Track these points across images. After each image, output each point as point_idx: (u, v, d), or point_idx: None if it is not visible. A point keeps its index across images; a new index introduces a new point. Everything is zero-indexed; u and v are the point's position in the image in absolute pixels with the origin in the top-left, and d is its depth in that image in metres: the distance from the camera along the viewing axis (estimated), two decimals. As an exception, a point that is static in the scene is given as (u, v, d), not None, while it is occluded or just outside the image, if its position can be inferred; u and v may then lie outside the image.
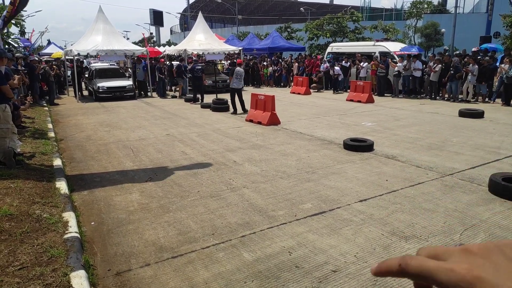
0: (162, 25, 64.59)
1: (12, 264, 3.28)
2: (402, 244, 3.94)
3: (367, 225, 4.38)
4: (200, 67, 15.63)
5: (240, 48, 21.80)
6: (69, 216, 4.40)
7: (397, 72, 16.06)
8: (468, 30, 32.44)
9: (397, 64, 16.02)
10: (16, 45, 18.22)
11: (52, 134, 9.39)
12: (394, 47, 18.06)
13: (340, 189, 5.56)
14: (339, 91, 18.19)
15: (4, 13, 6.81)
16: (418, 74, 15.55)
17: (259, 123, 10.56)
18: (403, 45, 19.15)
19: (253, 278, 3.39)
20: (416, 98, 15.70)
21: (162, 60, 20.36)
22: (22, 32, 30.03)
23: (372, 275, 0.43)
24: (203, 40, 19.73)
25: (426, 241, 3.96)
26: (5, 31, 11.38)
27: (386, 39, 21.21)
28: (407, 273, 0.41)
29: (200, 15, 21.08)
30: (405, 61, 15.79)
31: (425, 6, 34.05)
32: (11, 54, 8.87)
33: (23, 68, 13.51)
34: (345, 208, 4.87)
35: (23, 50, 24.22)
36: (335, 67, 18.30)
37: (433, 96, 15.38)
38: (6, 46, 15.58)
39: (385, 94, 16.78)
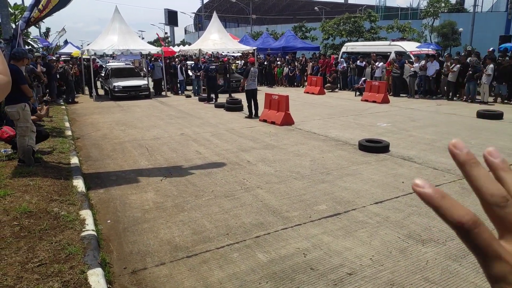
0: (176, 25, 64.98)
1: (31, 260, 3.34)
2: (419, 247, 3.87)
3: (383, 227, 4.33)
4: (213, 66, 15.68)
5: (254, 47, 21.79)
6: (86, 214, 4.47)
7: (413, 72, 15.84)
8: (487, 29, 31.74)
9: (414, 65, 15.78)
10: (35, 45, 18.59)
11: (69, 133, 9.55)
12: (410, 46, 17.81)
13: (355, 190, 5.50)
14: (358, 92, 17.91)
15: (26, 14, 6.93)
16: (431, 73, 15.29)
17: (273, 123, 10.54)
18: (419, 45, 18.86)
19: (268, 279, 3.38)
20: (432, 98, 15.45)
21: (181, 59, 20.49)
22: (46, 34, 30.63)
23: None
24: (217, 39, 19.78)
25: (443, 245, 3.89)
26: (25, 31, 11.61)
27: (402, 39, 20.92)
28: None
29: (214, 14, 21.15)
30: (423, 61, 15.55)
31: (442, 4, 33.47)
32: (31, 55, 9.03)
33: (42, 67, 13.79)
34: (361, 210, 4.82)
35: (41, 50, 24.72)
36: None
37: (450, 96, 15.11)
38: (27, 47, 15.91)
39: (401, 95, 16.55)
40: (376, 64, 17.28)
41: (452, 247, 3.86)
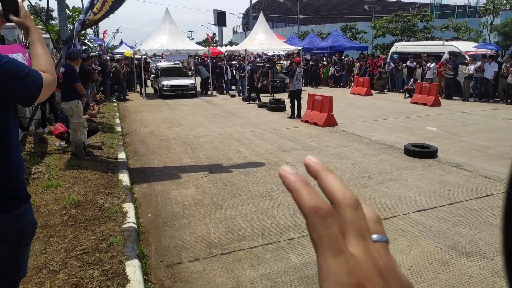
0: (225, 25, 66.12)
1: (76, 248, 3.56)
2: (462, 260, 3.65)
3: (425, 237, 4.13)
4: (249, 67, 15.82)
5: (300, 47, 21.65)
6: (129, 207, 4.67)
7: (468, 74, 14.95)
8: (554, 27, 29.16)
9: (468, 66, 14.89)
10: (91, 45, 19.74)
11: (119, 129, 10.04)
12: (465, 46, 16.82)
13: (397, 197, 5.30)
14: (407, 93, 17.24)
15: (81, 16, 7.38)
16: (489, 75, 14.33)
17: (315, 124, 10.41)
18: (475, 45, 17.76)
19: (299, 283, 3.35)
20: (489, 102, 14.49)
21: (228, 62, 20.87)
22: (96, 33, 32.47)
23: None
24: (263, 40, 19.88)
25: (490, 260, 3.64)
26: (82, 32, 12.35)
27: (457, 38, 19.81)
28: None
29: (261, 15, 21.27)
30: (479, 62, 14.63)
31: (504, 1, 31.23)
32: (85, 55, 9.61)
33: (97, 66, 14.62)
34: (402, 218, 4.64)
35: (98, 49, 26.20)
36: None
37: (509, 100, 14.09)
38: (84, 47, 16.93)
39: (454, 98, 15.69)
40: (428, 65, 16.50)
41: (500, 262, 3.60)
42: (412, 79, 16.72)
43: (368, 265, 0.34)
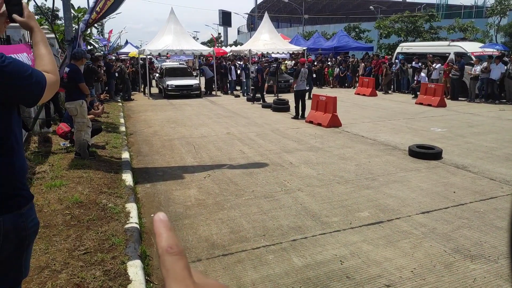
0: (230, 25, 66.20)
1: (78, 248, 3.56)
2: (466, 263, 3.61)
3: (428, 239, 4.09)
4: (257, 67, 15.80)
5: (304, 48, 21.60)
6: (131, 207, 4.68)
7: (474, 75, 14.82)
8: (562, 28, 28.85)
9: (474, 67, 14.76)
10: (97, 45, 19.83)
11: (123, 129, 10.07)
12: (471, 47, 16.69)
13: (401, 198, 5.26)
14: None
15: (86, 16, 7.41)
16: (496, 75, 14.19)
17: (319, 124, 10.37)
18: (482, 45, 17.61)
19: (301, 284, 3.33)
20: (495, 103, 14.36)
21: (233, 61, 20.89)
22: (101, 33, 32.61)
23: None
24: (268, 40, 19.85)
25: (495, 263, 3.60)
26: (87, 32, 12.39)
27: (464, 39, 19.66)
28: None
29: (266, 15, 21.25)
30: (484, 62, 14.50)
31: (511, 2, 30.95)
32: (89, 55, 9.65)
33: (102, 66, 14.67)
34: (405, 220, 4.60)
35: (104, 49, 26.32)
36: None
37: (515, 101, 13.96)
38: (90, 47, 17.01)
39: (459, 98, 15.58)
40: (433, 65, 16.40)
41: (505, 265, 3.56)
42: (421, 74, 16.55)
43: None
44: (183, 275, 0.38)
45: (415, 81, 16.45)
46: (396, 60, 19.06)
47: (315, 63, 22.05)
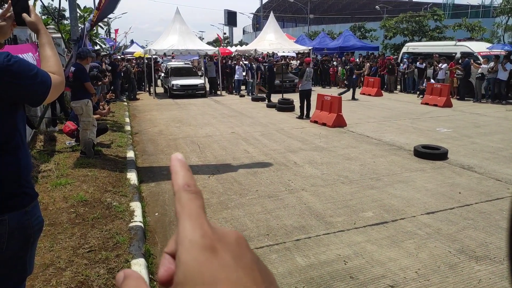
0: (235, 25, 66.31)
1: (82, 246, 3.59)
2: (471, 264, 3.59)
3: (433, 240, 4.07)
4: (268, 64, 15.79)
5: (310, 47, 21.56)
6: (136, 206, 4.70)
7: (480, 75, 14.71)
8: None
9: (481, 66, 14.65)
10: (103, 45, 19.93)
11: (128, 128, 10.11)
12: (478, 47, 16.56)
13: (406, 199, 5.23)
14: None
15: (91, 16, 7.46)
16: (503, 76, 14.07)
17: (324, 124, 10.35)
18: (489, 45, 17.47)
19: (305, 284, 3.32)
20: (502, 103, 14.24)
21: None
22: (108, 33, 32.76)
23: None
24: (273, 40, 19.85)
25: (500, 264, 3.57)
26: (94, 31, 12.46)
27: (470, 39, 19.51)
28: None
29: (271, 15, 21.23)
30: (492, 62, 14.38)
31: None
32: (94, 54, 9.70)
33: (107, 66, 14.75)
34: (410, 220, 4.57)
35: (109, 49, 26.44)
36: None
37: (523, 101, 13.84)
38: (96, 47, 17.09)
39: (466, 98, 15.47)
40: (439, 65, 16.29)
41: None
42: (424, 79, 16.48)
43: (224, 232, 0.36)
44: (198, 213, 0.36)
45: (424, 85, 16.30)
46: (404, 59, 18.95)
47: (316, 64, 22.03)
